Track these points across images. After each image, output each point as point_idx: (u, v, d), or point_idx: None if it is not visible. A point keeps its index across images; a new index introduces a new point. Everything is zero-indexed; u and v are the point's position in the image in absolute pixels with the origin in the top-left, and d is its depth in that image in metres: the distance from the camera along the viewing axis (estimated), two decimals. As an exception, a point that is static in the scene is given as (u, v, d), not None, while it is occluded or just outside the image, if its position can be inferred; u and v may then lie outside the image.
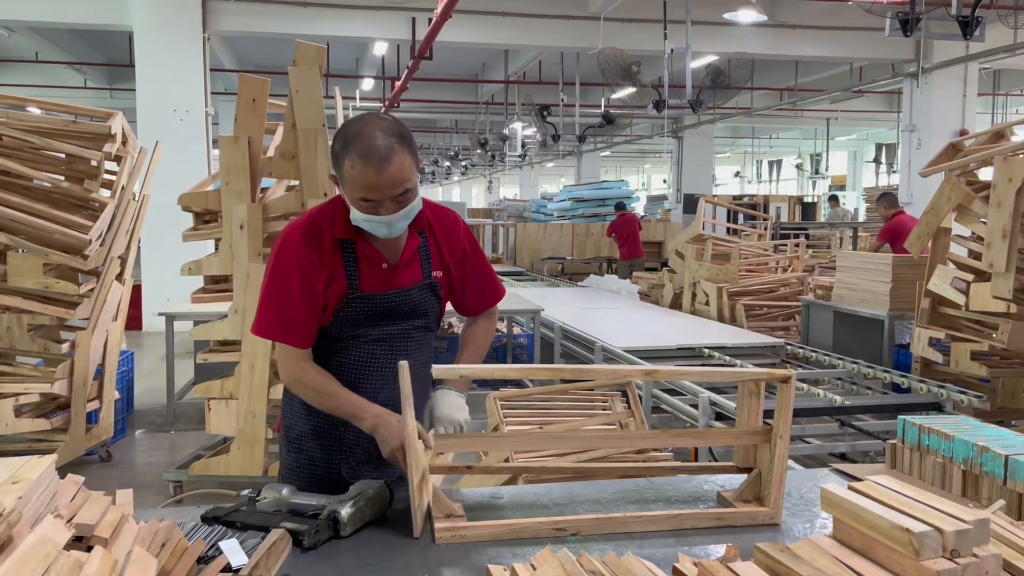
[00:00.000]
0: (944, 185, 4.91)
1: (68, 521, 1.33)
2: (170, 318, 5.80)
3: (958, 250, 5.10)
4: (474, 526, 1.65)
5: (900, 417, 1.97)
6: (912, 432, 1.92)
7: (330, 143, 1.94)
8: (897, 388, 4.65)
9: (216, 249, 4.26)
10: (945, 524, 1.14)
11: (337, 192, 1.92)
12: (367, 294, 1.89)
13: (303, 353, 1.90)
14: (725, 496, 1.81)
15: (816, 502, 1.88)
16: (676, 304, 7.97)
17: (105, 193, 4.68)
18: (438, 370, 1.62)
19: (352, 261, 1.87)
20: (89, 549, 1.31)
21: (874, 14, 6.52)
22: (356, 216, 1.80)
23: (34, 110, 5.42)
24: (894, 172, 21.26)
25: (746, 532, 1.71)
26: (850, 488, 1.29)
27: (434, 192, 39.23)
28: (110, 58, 14.98)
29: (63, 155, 4.63)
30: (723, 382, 4.49)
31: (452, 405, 1.86)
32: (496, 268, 2.24)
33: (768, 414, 1.78)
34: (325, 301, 1.88)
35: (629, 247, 12.41)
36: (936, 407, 4.19)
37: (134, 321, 7.27)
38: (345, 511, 1.66)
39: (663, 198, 22.09)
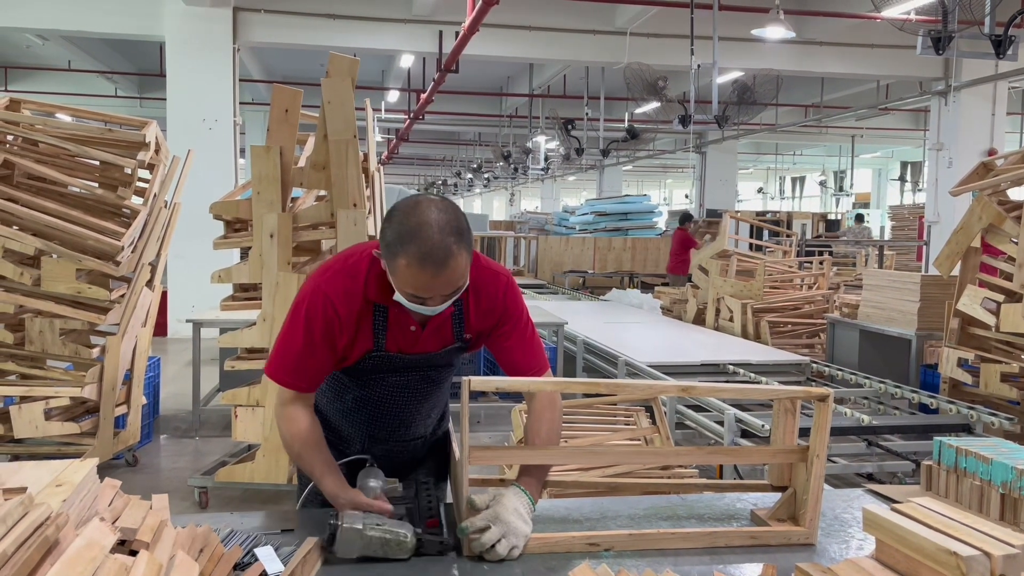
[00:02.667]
0: (975, 205, 4.86)
1: (112, 524, 1.35)
2: (197, 325, 5.85)
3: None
4: (508, 539, 1.64)
5: (936, 438, 1.95)
6: (949, 454, 1.90)
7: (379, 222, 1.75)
8: (925, 409, 4.60)
9: (241, 258, 4.30)
10: (993, 548, 1.12)
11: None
12: (391, 352, 1.84)
13: (299, 396, 1.85)
14: (759, 515, 1.80)
15: (850, 522, 1.86)
16: (699, 319, 7.93)
17: (137, 200, 4.74)
18: (476, 382, 1.62)
19: (382, 321, 1.80)
20: (131, 553, 1.33)
21: (906, 32, 6.48)
22: (400, 299, 1.72)
23: (65, 117, 5.50)
24: (919, 190, 21.09)
25: (780, 552, 1.70)
26: (893, 509, 1.28)
27: (455, 203, 39.27)
28: (141, 67, 15.22)
29: (97, 162, 4.69)
30: (748, 399, 4.47)
31: (522, 515, 1.66)
32: (517, 281, 2.05)
33: (803, 433, 1.77)
34: (346, 354, 1.82)
35: (675, 261, 12.03)
36: (966, 429, 4.14)
37: (160, 327, 7.33)
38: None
39: (685, 213, 22.03)
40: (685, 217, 12.49)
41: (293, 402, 1.84)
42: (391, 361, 1.85)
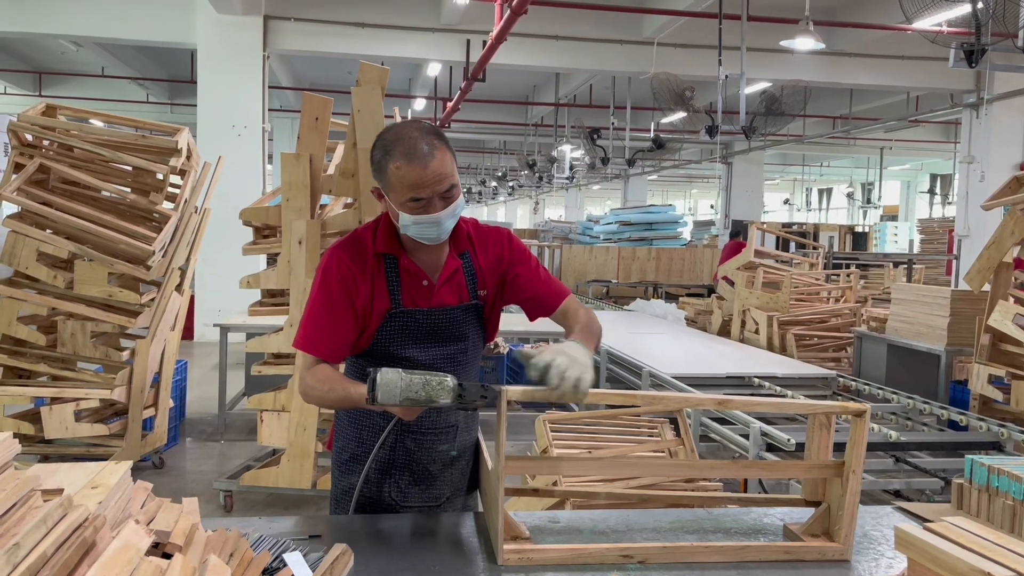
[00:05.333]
0: (1008, 219, 4.81)
1: (146, 526, 1.37)
2: (224, 329, 5.90)
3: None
4: (541, 549, 1.65)
5: (967, 456, 1.92)
6: (980, 472, 1.88)
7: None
8: (954, 426, 4.53)
9: (268, 263, 4.35)
10: (1028, 570, 1.11)
11: (380, 210, 1.93)
12: (408, 309, 1.88)
13: (320, 363, 1.87)
14: (792, 529, 1.79)
15: (880, 540, 1.84)
16: (724, 331, 7.89)
17: (169, 206, 4.81)
18: (514, 392, 1.62)
19: (394, 275, 1.88)
20: (164, 555, 1.35)
21: (938, 44, 6.41)
22: (405, 220, 1.80)
23: (98, 123, 5.60)
24: (949, 203, 20.84)
25: (809, 568, 1.68)
26: (926, 528, 1.27)
27: (479, 212, 39.51)
28: (172, 74, 15.44)
29: (130, 168, 4.77)
30: (776, 412, 4.43)
31: (583, 353, 1.69)
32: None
33: (838, 447, 1.76)
34: (366, 321, 1.87)
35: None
36: (996, 447, 4.07)
37: (186, 330, 7.43)
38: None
39: (710, 223, 21.94)
40: (738, 229, 11.83)
41: (315, 363, 1.87)
42: (411, 322, 1.89)
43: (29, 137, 4.65)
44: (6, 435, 1.31)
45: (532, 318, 2.07)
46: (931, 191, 22.46)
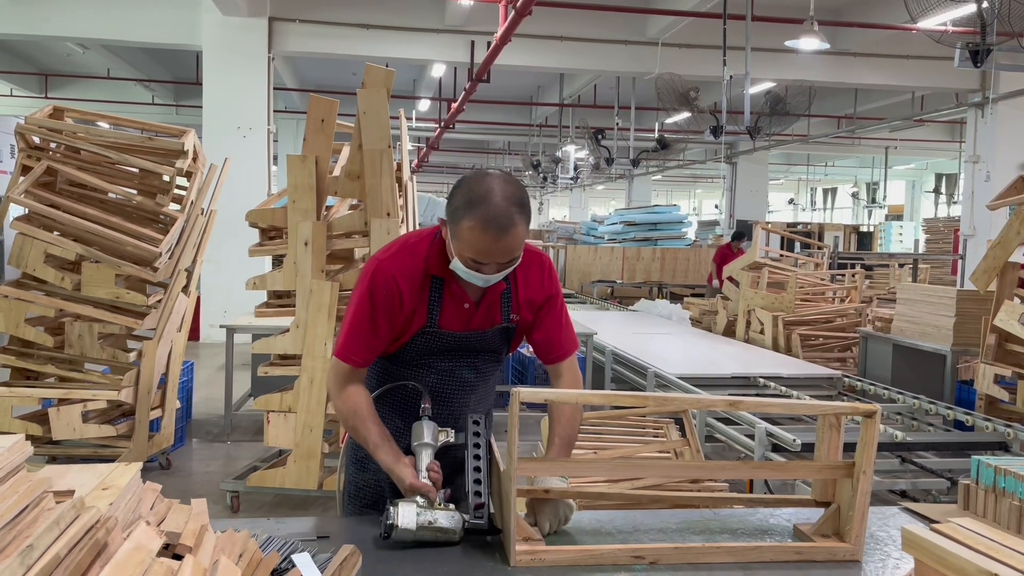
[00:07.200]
0: (1014, 219, 4.80)
1: (157, 528, 1.38)
2: (230, 330, 5.92)
3: None
4: (554, 550, 1.65)
5: (974, 457, 1.93)
6: (987, 473, 1.88)
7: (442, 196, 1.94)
8: (960, 426, 4.53)
9: (273, 265, 4.36)
10: (1036, 571, 1.11)
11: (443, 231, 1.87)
12: (443, 330, 1.91)
13: (354, 372, 1.92)
14: (802, 530, 1.79)
15: (886, 541, 1.85)
16: (729, 331, 7.88)
17: (175, 208, 4.82)
18: (525, 394, 1.64)
19: (437, 297, 1.89)
20: (174, 557, 1.36)
21: (943, 44, 6.40)
22: (457, 265, 1.81)
23: (104, 125, 5.62)
24: (954, 203, 20.80)
25: (818, 569, 1.69)
26: (932, 530, 1.27)
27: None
28: (177, 76, 15.47)
29: (137, 170, 4.78)
30: (785, 413, 4.43)
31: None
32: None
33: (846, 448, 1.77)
34: (402, 330, 1.90)
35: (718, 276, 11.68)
36: (1002, 447, 4.07)
37: (192, 331, 7.40)
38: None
39: (715, 223, 21.94)
40: (742, 231, 12.07)
41: (348, 379, 1.91)
42: (441, 340, 1.92)
43: (36, 139, 4.67)
44: (18, 438, 1.32)
45: (537, 354, 2.08)
46: (936, 191, 22.44)
